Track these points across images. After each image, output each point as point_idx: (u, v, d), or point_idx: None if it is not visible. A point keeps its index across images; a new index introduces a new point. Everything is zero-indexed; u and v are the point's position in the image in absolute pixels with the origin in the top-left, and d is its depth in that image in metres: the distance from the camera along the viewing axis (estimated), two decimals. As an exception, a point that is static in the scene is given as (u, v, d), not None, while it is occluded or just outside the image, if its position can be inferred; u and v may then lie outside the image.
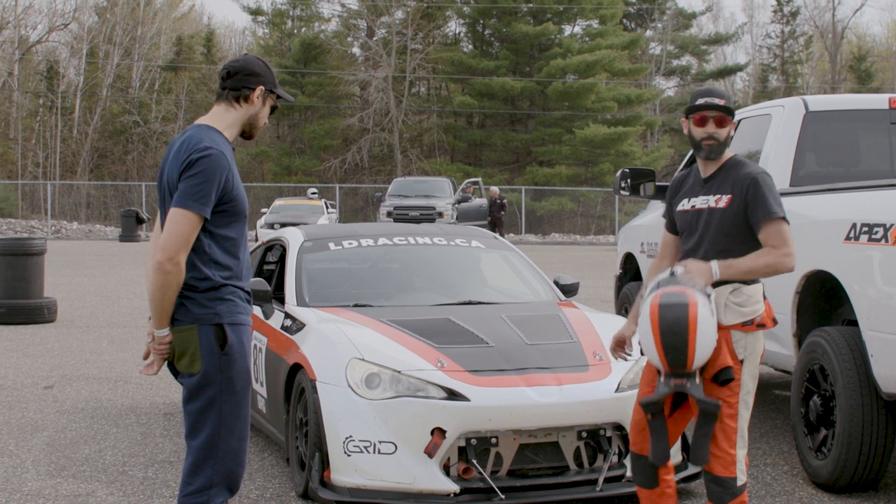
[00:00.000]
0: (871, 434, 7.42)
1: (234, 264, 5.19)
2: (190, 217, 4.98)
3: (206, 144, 5.06)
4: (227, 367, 5.09)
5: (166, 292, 5.00)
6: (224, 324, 5.09)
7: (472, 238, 9.72)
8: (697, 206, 6.04)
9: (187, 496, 5.15)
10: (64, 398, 11.28)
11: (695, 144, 6.02)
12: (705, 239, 5.97)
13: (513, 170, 64.23)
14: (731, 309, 5.81)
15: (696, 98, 6.03)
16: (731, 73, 74.86)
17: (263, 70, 5.36)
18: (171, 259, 4.96)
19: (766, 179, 5.89)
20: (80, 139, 67.65)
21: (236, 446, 5.16)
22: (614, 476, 7.31)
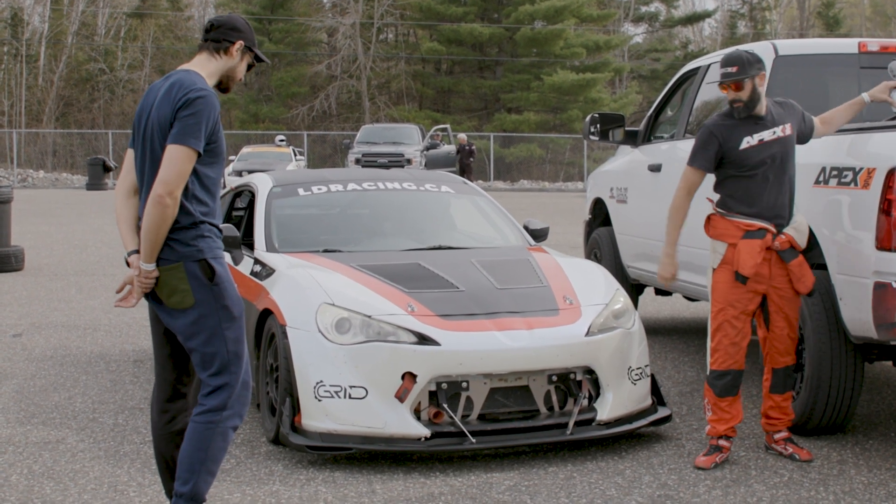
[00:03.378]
0: (839, 377, 7.46)
1: (211, 202, 5.45)
2: (189, 153, 5.25)
3: (201, 86, 5.35)
4: (220, 297, 5.39)
5: (162, 225, 5.25)
6: (207, 258, 5.35)
7: (441, 183, 9.69)
8: (766, 139, 7.09)
9: (201, 415, 5.43)
10: (33, 346, 11.23)
11: (730, 104, 7.16)
12: (784, 162, 7.10)
13: (481, 117, 64.08)
14: (806, 237, 7.10)
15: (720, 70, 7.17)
16: (699, 19, 74.70)
17: (245, 27, 5.68)
18: (170, 193, 5.22)
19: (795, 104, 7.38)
20: (45, 87, 67.14)
21: (246, 371, 5.50)
22: (584, 420, 7.34)
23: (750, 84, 7.02)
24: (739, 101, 7.05)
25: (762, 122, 7.11)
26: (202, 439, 5.41)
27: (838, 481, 6.81)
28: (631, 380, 7.59)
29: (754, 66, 7.03)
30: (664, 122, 11.40)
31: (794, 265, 7.02)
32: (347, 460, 7.17)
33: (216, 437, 5.42)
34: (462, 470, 7.03)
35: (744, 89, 7.03)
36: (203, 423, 5.41)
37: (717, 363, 7.15)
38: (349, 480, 6.82)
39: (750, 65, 7.02)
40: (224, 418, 5.42)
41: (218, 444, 5.43)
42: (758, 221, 7.01)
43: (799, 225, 7.06)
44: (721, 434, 7.19)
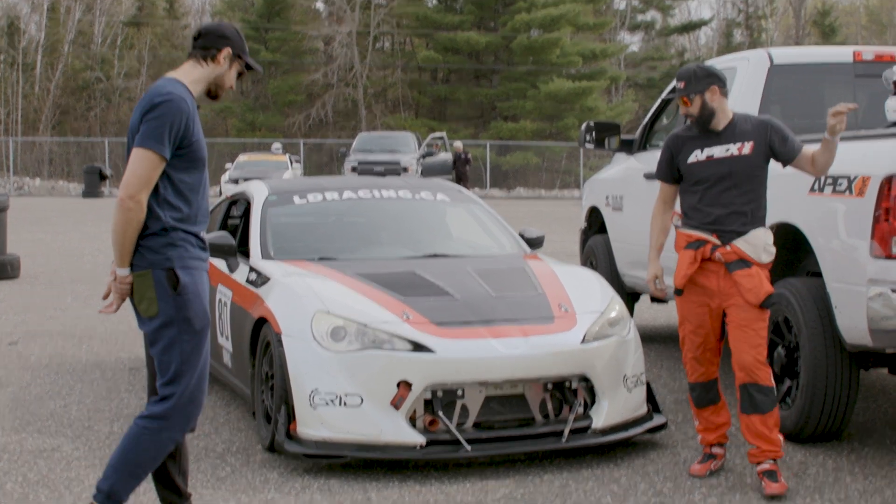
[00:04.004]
0: (834, 385, 7.46)
1: (186, 208, 5.41)
2: (149, 156, 5.24)
3: (167, 90, 5.34)
4: (183, 308, 5.35)
5: (127, 229, 5.27)
6: (175, 267, 5.32)
7: (437, 191, 9.69)
8: (717, 156, 6.83)
9: (141, 418, 5.45)
10: (28, 354, 11.23)
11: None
12: (730, 182, 6.78)
13: (477, 125, 64.10)
14: (766, 251, 6.74)
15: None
16: (695, 27, 74.83)
17: (233, 35, 5.66)
18: (131, 197, 5.22)
19: (777, 122, 6.90)
20: (41, 95, 67.13)
21: (195, 386, 5.44)
22: (580, 427, 7.34)
23: (699, 99, 6.80)
24: (691, 115, 6.87)
25: (719, 137, 6.86)
26: (134, 442, 5.42)
27: (834, 489, 6.81)
28: (626, 388, 7.59)
29: (702, 81, 6.81)
30: (660, 130, 11.40)
31: (740, 275, 6.67)
32: (343, 468, 7.17)
33: (149, 445, 5.41)
34: (457, 478, 7.02)
35: (692, 104, 6.83)
36: (140, 428, 5.43)
37: (687, 375, 7.17)
38: (345, 488, 6.82)
39: (698, 80, 6.82)
40: (162, 428, 5.41)
41: (148, 452, 5.42)
42: (696, 232, 6.83)
43: (753, 238, 6.70)
44: (711, 442, 7.17)
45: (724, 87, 6.85)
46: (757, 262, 6.70)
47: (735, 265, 6.70)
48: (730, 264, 6.72)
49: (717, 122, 6.85)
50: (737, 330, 6.72)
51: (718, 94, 6.81)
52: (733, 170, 6.75)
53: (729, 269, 6.72)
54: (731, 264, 6.71)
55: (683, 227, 6.92)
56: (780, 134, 6.79)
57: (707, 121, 6.84)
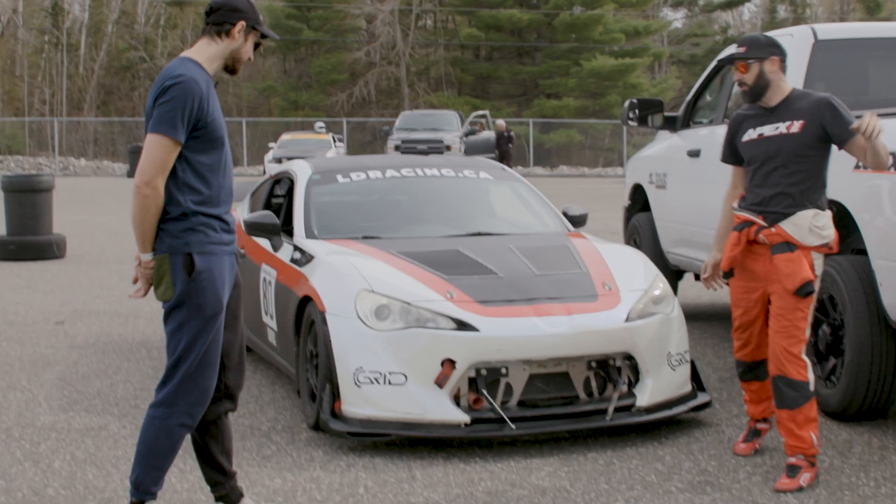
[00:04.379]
0: (879, 363, 7.43)
1: (207, 190, 5.36)
2: (163, 141, 5.21)
3: (178, 72, 5.27)
4: (195, 294, 5.30)
5: (145, 216, 5.24)
6: (193, 252, 5.29)
7: (480, 169, 9.68)
8: (766, 134, 6.55)
9: (150, 407, 5.45)
10: (75, 333, 11.32)
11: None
12: (777, 162, 6.49)
13: (520, 102, 63.98)
14: (813, 232, 6.42)
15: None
16: (738, 4, 74.28)
17: (246, 6, 5.51)
18: (147, 183, 5.20)
19: (836, 101, 6.45)
20: (86, 76, 67.48)
21: (197, 371, 5.39)
22: (624, 406, 7.34)
23: (757, 67, 6.49)
24: (744, 83, 6.55)
25: (772, 114, 6.55)
26: (146, 432, 5.44)
27: (879, 467, 6.78)
28: (670, 365, 7.58)
29: (765, 48, 6.53)
30: (703, 108, 11.36)
31: (780, 259, 6.42)
32: (387, 446, 7.19)
33: (160, 434, 5.41)
34: (502, 456, 7.04)
35: (749, 72, 6.51)
36: (149, 417, 5.44)
37: (734, 350, 7.06)
38: (389, 466, 6.84)
39: (760, 47, 6.54)
40: (168, 414, 5.39)
41: (161, 441, 5.41)
42: (745, 213, 6.59)
43: (798, 219, 6.41)
44: (757, 416, 7.10)
45: (785, 61, 6.62)
46: (802, 245, 6.41)
47: (778, 248, 6.45)
48: (773, 247, 6.47)
49: (770, 96, 6.56)
50: (773, 318, 6.51)
51: (778, 66, 6.55)
52: (781, 148, 6.47)
53: (772, 251, 6.47)
54: (774, 247, 6.46)
55: (737, 209, 6.71)
56: (835, 114, 6.38)
57: (760, 93, 6.56)
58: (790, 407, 6.45)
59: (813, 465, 6.45)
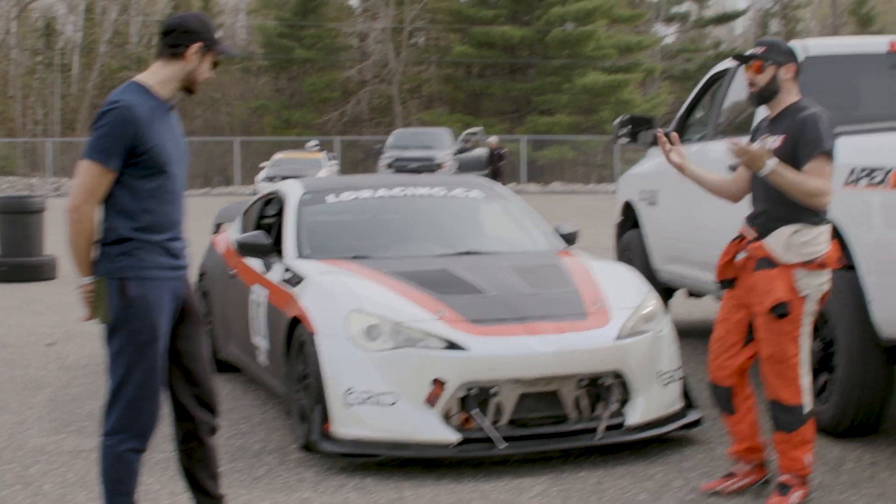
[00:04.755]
0: (870, 378, 7.43)
1: (148, 216, 5.31)
2: (91, 167, 5.21)
3: (115, 98, 5.27)
4: (130, 320, 5.30)
5: (77, 240, 5.26)
6: (127, 278, 5.27)
7: (471, 188, 9.68)
8: (766, 147, 6.35)
9: (102, 437, 5.45)
10: (66, 355, 11.30)
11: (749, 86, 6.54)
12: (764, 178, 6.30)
13: (513, 119, 63.97)
14: (791, 249, 6.23)
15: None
16: (730, 18, 74.47)
17: (200, 27, 5.44)
18: (76, 208, 5.21)
19: (813, 117, 6.28)
20: (79, 96, 67.47)
21: (139, 396, 5.37)
22: (614, 424, 7.33)
23: (772, 70, 6.35)
24: (755, 84, 6.41)
25: (772, 125, 6.46)
26: (102, 462, 5.46)
27: (870, 484, 6.78)
28: (661, 384, 7.58)
29: (784, 54, 6.40)
30: (694, 124, 11.37)
31: (760, 275, 6.29)
32: (378, 467, 7.18)
33: (114, 463, 5.41)
34: (492, 476, 7.03)
35: (763, 73, 6.37)
36: (102, 448, 5.45)
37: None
38: (379, 487, 6.83)
39: (780, 51, 6.41)
40: (119, 441, 5.39)
41: (118, 469, 5.42)
42: (744, 226, 6.51)
43: (777, 234, 6.25)
44: (733, 455, 6.74)
45: (800, 73, 6.50)
46: (781, 262, 6.22)
47: (760, 263, 6.31)
48: (757, 262, 6.33)
49: (775, 104, 6.43)
50: (760, 343, 6.38)
51: (792, 75, 6.43)
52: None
53: (755, 267, 6.33)
54: (758, 262, 6.32)
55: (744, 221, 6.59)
56: (803, 133, 6.22)
57: (768, 97, 6.42)
58: (786, 431, 6.36)
59: (805, 484, 6.42)
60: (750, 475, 6.63)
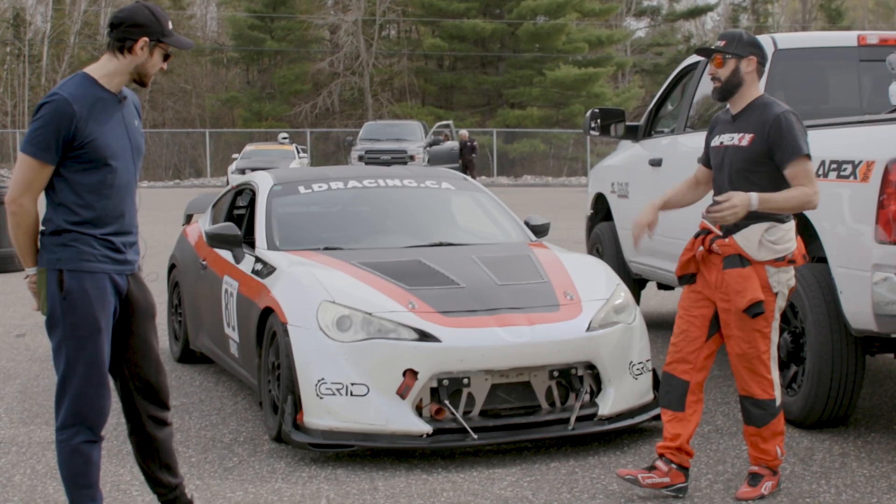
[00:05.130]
0: (840, 370, 7.46)
1: (87, 210, 5.25)
2: (28, 161, 5.18)
3: (54, 91, 5.20)
4: (68, 313, 5.26)
5: (16, 232, 5.25)
6: (64, 270, 5.23)
7: (442, 180, 9.69)
8: (725, 143, 6.40)
9: (55, 432, 5.42)
10: (36, 346, 11.26)
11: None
12: (728, 174, 6.34)
13: (484, 112, 64.03)
14: (764, 246, 6.21)
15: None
16: (701, 13, 74.60)
17: (148, 20, 5.32)
18: (13, 200, 5.19)
19: (787, 118, 6.21)
20: (48, 87, 66.99)
21: (85, 389, 5.33)
22: (586, 415, 7.36)
23: (733, 63, 6.29)
24: (717, 79, 6.34)
25: (734, 122, 6.38)
26: (59, 458, 5.43)
27: (840, 474, 6.82)
28: (632, 375, 7.60)
29: (746, 46, 6.31)
30: (665, 117, 11.40)
31: (731, 274, 6.21)
32: (350, 457, 7.19)
33: (70, 456, 5.38)
34: (464, 466, 7.04)
35: (724, 67, 6.31)
36: (57, 443, 5.43)
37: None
38: (351, 477, 6.83)
39: (742, 44, 6.32)
40: (71, 435, 5.36)
41: (75, 462, 5.39)
42: (706, 221, 6.35)
43: (750, 233, 6.19)
44: (661, 451, 6.50)
45: (763, 65, 6.41)
46: (754, 260, 6.20)
47: (730, 261, 6.24)
48: (725, 259, 6.25)
49: (738, 98, 6.36)
50: (730, 339, 6.35)
51: (755, 67, 6.33)
52: (732, 160, 6.31)
53: (724, 265, 6.26)
54: (726, 259, 6.25)
55: (704, 216, 6.44)
56: (780, 135, 6.16)
57: (730, 91, 6.35)
58: (757, 425, 6.37)
59: (775, 474, 6.46)
60: (668, 476, 6.40)
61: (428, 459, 7.17)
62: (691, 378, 6.43)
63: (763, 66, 6.42)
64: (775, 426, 6.37)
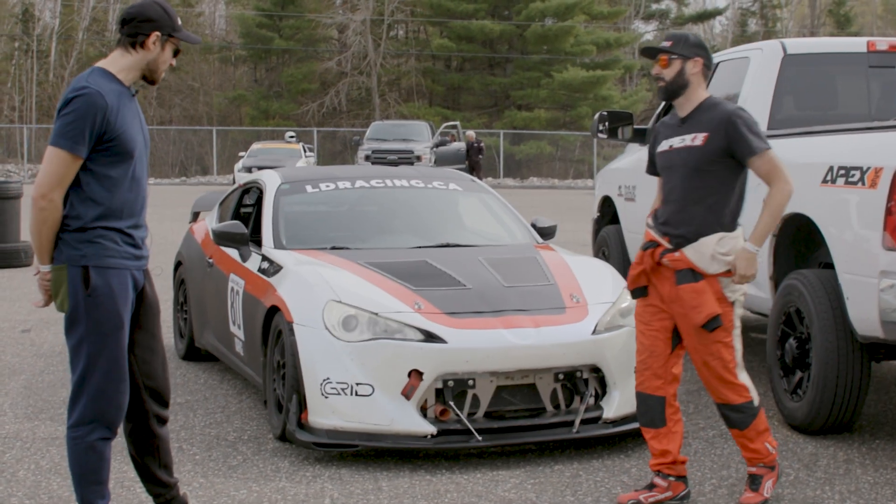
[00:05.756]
0: (845, 376, 7.45)
1: (111, 203, 5.26)
2: (61, 155, 5.15)
3: (83, 84, 5.19)
4: (92, 309, 5.24)
5: (42, 228, 5.20)
6: (90, 266, 5.23)
7: (449, 181, 9.69)
8: (675, 146, 6.28)
9: (68, 429, 5.40)
10: (41, 342, 11.26)
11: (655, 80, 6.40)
12: (680, 177, 6.23)
13: (491, 113, 63.99)
14: (717, 259, 6.10)
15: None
16: (710, 17, 74.59)
17: (160, 15, 5.38)
18: (44, 196, 5.16)
19: (742, 116, 6.18)
20: (56, 83, 67.16)
21: (105, 386, 5.32)
22: (591, 418, 7.35)
23: (679, 64, 6.19)
24: (662, 79, 6.24)
25: (682, 125, 6.28)
26: (72, 454, 5.41)
27: (844, 480, 6.81)
28: (638, 378, 7.59)
29: (692, 48, 6.22)
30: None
31: (686, 290, 6.11)
32: (354, 457, 7.19)
33: (85, 453, 5.37)
34: (468, 467, 7.04)
35: (670, 67, 6.21)
36: (70, 439, 5.40)
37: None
38: (355, 477, 6.83)
39: (688, 45, 6.23)
40: (88, 432, 5.35)
41: (90, 459, 5.38)
42: (653, 232, 6.31)
43: (702, 246, 6.08)
44: (653, 468, 6.47)
45: (709, 68, 6.31)
46: (707, 274, 6.10)
47: (682, 276, 6.15)
48: (678, 273, 6.16)
49: (684, 102, 6.27)
50: (693, 353, 6.26)
51: (700, 69, 6.23)
52: (685, 162, 6.19)
53: (677, 280, 6.16)
54: (679, 274, 6.16)
55: (649, 225, 6.39)
56: (737, 132, 6.08)
57: (676, 92, 6.25)
58: (740, 428, 6.30)
59: (773, 469, 6.40)
60: (669, 489, 6.39)
61: (432, 460, 7.17)
62: (665, 392, 6.34)
63: (709, 69, 6.32)
64: (757, 425, 6.29)
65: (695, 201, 6.16)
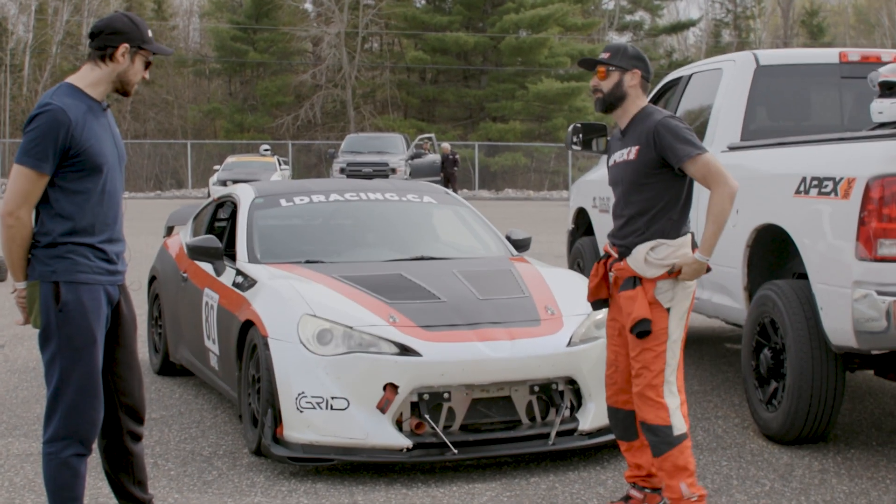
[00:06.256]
0: (820, 387, 7.47)
1: (81, 219, 5.26)
2: (25, 172, 5.15)
3: (46, 101, 5.19)
4: (64, 325, 5.24)
5: (11, 245, 5.21)
6: (61, 282, 5.22)
7: (423, 193, 9.68)
8: (617, 161, 6.21)
9: (43, 445, 5.39)
10: (15, 357, 11.21)
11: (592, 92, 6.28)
12: (622, 191, 6.18)
13: (466, 125, 64.08)
14: (650, 263, 5.99)
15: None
16: (683, 28, 74.84)
17: (128, 27, 5.39)
18: (10, 213, 5.17)
19: (668, 124, 6.00)
20: (29, 97, 66.94)
21: (79, 402, 5.31)
22: (566, 430, 7.35)
23: (617, 76, 6.10)
24: (599, 90, 6.15)
25: (622, 139, 6.21)
26: (47, 471, 5.40)
27: (819, 490, 6.82)
28: (613, 390, 7.59)
29: (630, 59, 6.14)
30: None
31: (623, 297, 6.09)
32: (329, 471, 7.17)
33: (59, 469, 5.36)
34: (444, 481, 7.03)
35: (608, 79, 6.12)
36: (45, 455, 5.39)
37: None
38: (331, 492, 6.82)
39: (626, 56, 6.14)
40: (61, 448, 5.34)
41: (64, 475, 5.36)
42: (606, 243, 6.33)
43: (636, 253, 6.02)
44: (629, 479, 6.48)
45: (648, 80, 6.20)
46: (646, 279, 6.01)
47: (624, 284, 6.12)
48: (622, 282, 6.14)
49: (622, 112, 6.17)
50: (630, 361, 6.14)
51: (638, 81, 6.14)
52: (623, 177, 6.14)
53: (620, 288, 6.15)
54: (623, 283, 6.13)
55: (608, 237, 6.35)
56: (663, 140, 5.95)
57: (613, 104, 6.16)
58: (655, 454, 6.00)
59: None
60: (645, 501, 6.36)
61: (408, 474, 7.15)
62: (634, 406, 6.20)
63: (647, 81, 6.24)
64: (676, 459, 5.94)
65: (638, 214, 6.06)
